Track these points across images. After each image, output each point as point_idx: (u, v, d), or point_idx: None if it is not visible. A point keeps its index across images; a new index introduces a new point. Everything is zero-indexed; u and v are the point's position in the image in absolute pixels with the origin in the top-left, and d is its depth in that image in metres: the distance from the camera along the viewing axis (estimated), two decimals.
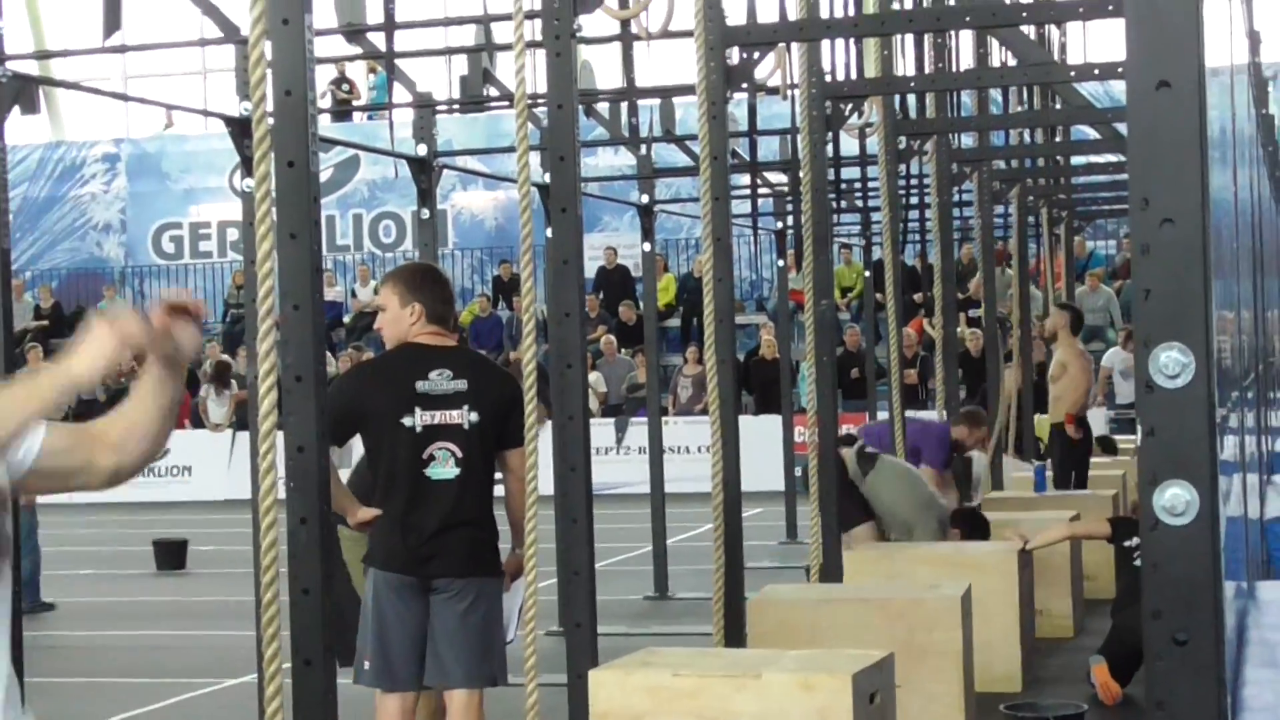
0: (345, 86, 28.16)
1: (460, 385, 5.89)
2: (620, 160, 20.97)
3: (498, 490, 6.03)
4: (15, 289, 15.66)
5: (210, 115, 9.84)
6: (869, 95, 10.26)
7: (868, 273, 17.42)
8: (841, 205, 15.13)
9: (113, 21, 7.57)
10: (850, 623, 6.88)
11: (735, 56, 7.83)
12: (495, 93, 10.36)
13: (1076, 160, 15.55)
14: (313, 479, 4.58)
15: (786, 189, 15.75)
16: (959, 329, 15.32)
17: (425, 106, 10.00)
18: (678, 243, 26.41)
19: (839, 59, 9.35)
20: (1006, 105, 13.41)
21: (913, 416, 11.98)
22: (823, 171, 8.85)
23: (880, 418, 14.64)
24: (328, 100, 27.01)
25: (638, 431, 19.41)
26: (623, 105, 11.50)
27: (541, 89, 6.49)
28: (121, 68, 29.17)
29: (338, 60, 16.67)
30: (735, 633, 7.12)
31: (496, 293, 26.47)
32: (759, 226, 17.44)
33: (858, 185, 13.97)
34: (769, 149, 14.25)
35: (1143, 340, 2.61)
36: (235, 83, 8.36)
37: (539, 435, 5.78)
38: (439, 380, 5.88)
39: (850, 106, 9.69)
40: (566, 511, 6.07)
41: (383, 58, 9.46)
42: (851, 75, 9.53)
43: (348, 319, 26.32)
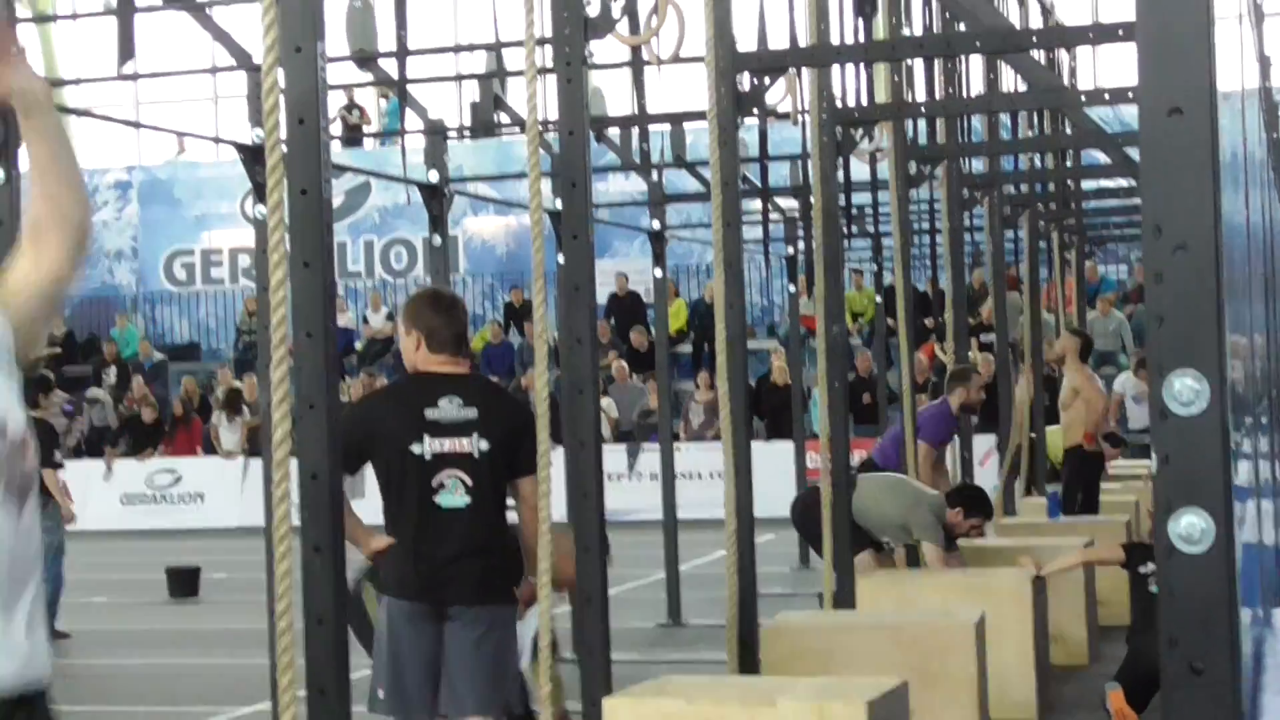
0: (355, 112, 28.23)
1: (470, 413, 5.88)
2: (631, 186, 21.00)
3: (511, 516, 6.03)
4: None
5: (222, 142, 9.87)
6: (880, 120, 10.28)
7: (879, 298, 17.41)
8: (852, 230, 15.17)
9: (126, 51, 7.60)
10: (864, 650, 6.87)
11: (746, 82, 7.85)
12: (506, 119, 10.38)
13: (1087, 185, 15.58)
14: (326, 507, 4.58)
15: (797, 214, 15.76)
16: (970, 354, 15.29)
17: (437, 133, 10.01)
18: (689, 268, 26.42)
19: (849, 84, 9.36)
20: (1016, 130, 13.42)
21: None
22: (833, 197, 8.86)
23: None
24: (338, 126, 27.06)
25: (650, 457, 19.41)
26: (634, 131, 11.52)
27: (553, 115, 6.50)
28: (133, 94, 29.27)
29: (349, 87, 16.71)
30: (749, 660, 7.09)
31: (508, 319, 26.47)
32: (770, 252, 17.43)
33: (869, 210, 13.98)
34: (780, 174, 14.27)
35: (1156, 368, 2.61)
36: (247, 109, 8.37)
37: (551, 462, 5.77)
38: (449, 408, 5.87)
39: (861, 132, 9.72)
40: (580, 538, 6.06)
41: (395, 84, 9.48)
42: (862, 100, 9.54)
43: (359, 345, 26.34)
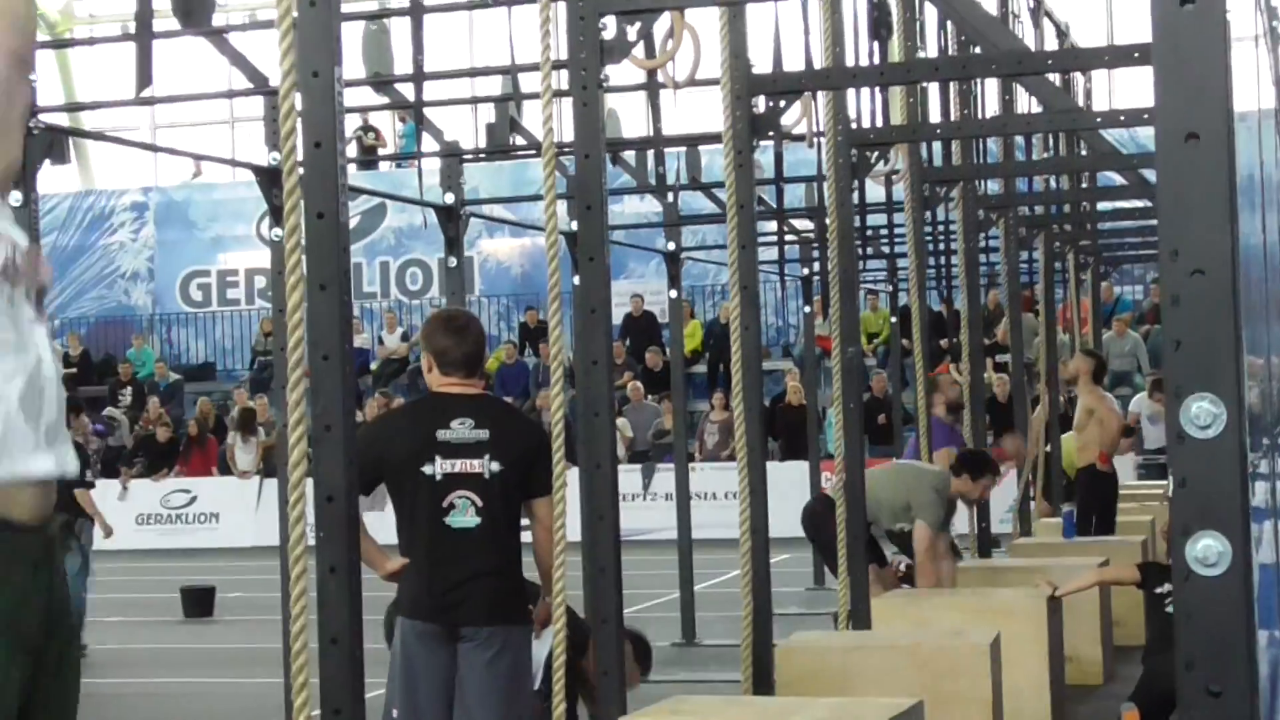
0: (371, 134, 28.29)
1: (482, 434, 5.88)
2: (646, 207, 21.00)
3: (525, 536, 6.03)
4: None
5: (239, 165, 9.90)
6: (895, 142, 10.29)
7: (894, 319, 17.42)
8: (868, 251, 15.16)
9: (144, 77, 7.63)
10: (879, 670, 6.86)
11: (761, 105, 7.86)
12: (522, 141, 10.40)
13: (1102, 206, 15.56)
14: (342, 528, 4.59)
15: (813, 235, 15.74)
16: (986, 374, 15.28)
17: (453, 155, 10.04)
18: (704, 289, 26.42)
19: (865, 106, 9.38)
20: (1031, 151, 13.41)
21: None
22: (849, 218, 8.88)
23: None
24: (354, 148, 27.12)
25: (664, 477, 19.39)
26: (649, 153, 11.54)
27: (568, 137, 6.51)
28: (150, 118, 29.38)
29: (365, 110, 16.75)
30: (763, 680, 7.09)
31: (523, 340, 26.50)
32: (785, 273, 17.46)
33: (884, 231, 13.98)
34: (795, 196, 14.28)
35: (1174, 391, 2.61)
36: (264, 132, 8.41)
37: (567, 483, 5.78)
38: (460, 429, 5.87)
39: (876, 154, 9.72)
40: (594, 559, 6.07)
41: (411, 107, 9.50)
42: (877, 122, 9.55)
43: (374, 366, 26.37)
